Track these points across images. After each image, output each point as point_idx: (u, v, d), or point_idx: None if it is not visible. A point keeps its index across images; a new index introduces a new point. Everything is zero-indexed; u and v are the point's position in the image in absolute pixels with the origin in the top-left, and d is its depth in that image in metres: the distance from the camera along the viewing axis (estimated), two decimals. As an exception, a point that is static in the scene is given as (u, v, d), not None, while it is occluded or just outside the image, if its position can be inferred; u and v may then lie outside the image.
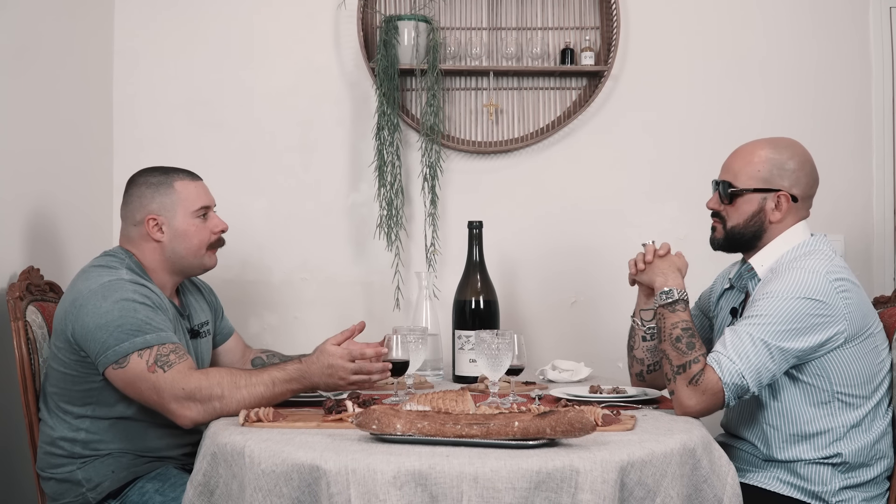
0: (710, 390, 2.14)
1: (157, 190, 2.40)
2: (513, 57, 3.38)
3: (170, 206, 2.39)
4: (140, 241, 2.40)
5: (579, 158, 3.44)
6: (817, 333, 2.17)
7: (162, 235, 2.39)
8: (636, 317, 2.54)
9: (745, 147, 2.38)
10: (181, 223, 2.39)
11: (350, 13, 3.38)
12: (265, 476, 1.79)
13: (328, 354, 2.19)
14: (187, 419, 2.17)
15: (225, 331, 2.70)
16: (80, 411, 2.29)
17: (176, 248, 2.40)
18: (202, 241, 2.42)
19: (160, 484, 2.27)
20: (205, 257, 2.44)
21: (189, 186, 2.43)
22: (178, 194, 2.40)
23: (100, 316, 2.19)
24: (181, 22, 3.39)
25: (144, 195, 2.40)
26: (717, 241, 2.41)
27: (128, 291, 2.23)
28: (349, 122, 3.42)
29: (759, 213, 2.32)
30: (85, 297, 2.23)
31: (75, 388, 2.28)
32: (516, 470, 1.70)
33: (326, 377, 2.20)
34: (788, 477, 2.24)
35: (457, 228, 3.31)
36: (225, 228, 2.47)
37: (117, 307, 2.19)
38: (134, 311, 2.20)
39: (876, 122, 3.44)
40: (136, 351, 2.17)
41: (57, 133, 2.92)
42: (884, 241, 3.43)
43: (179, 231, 2.39)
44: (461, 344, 2.84)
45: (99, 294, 2.22)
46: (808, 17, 3.45)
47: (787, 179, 2.31)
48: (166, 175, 2.43)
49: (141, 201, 2.40)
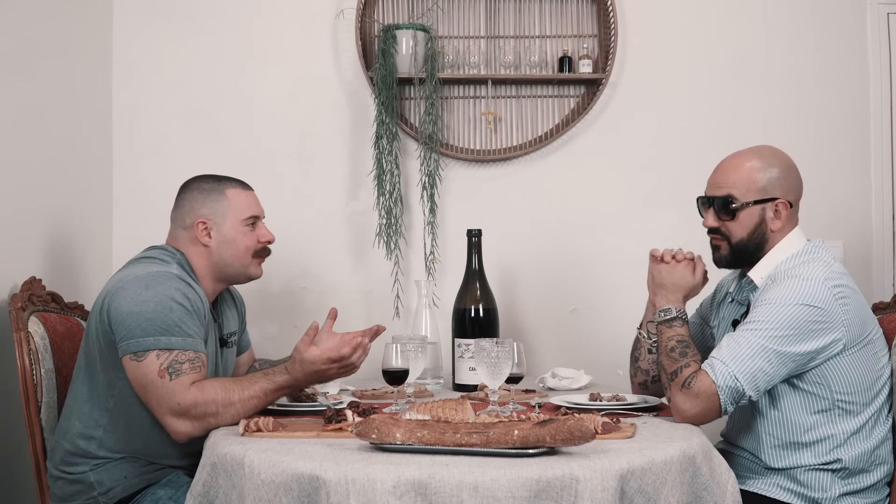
0: (704, 394, 2.14)
1: (210, 195, 2.43)
2: (511, 65, 3.39)
3: (220, 212, 2.43)
4: (188, 245, 2.43)
5: (578, 166, 3.44)
6: (815, 340, 2.17)
7: (210, 240, 2.41)
8: (643, 329, 2.53)
9: (732, 160, 2.36)
10: (230, 230, 2.42)
11: (348, 23, 3.39)
12: (265, 486, 1.79)
13: (310, 363, 2.24)
14: (181, 434, 2.19)
15: (243, 344, 2.72)
16: (103, 402, 2.30)
17: (223, 253, 2.42)
18: (248, 248, 2.45)
19: (173, 491, 2.28)
20: (250, 266, 2.46)
21: (240, 195, 2.47)
22: (229, 201, 2.44)
23: (137, 303, 2.21)
24: (180, 32, 3.40)
25: (196, 199, 2.43)
26: (723, 258, 2.37)
27: (171, 288, 2.25)
28: (348, 131, 3.42)
29: (761, 224, 2.32)
30: (129, 281, 2.26)
31: (101, 376, 2.29)
32: (516, 478, 1.70)
33: (316, 379, 2.28)
34: (788, 483, 2.24)
35: (456, 237, 3.31)
36: (272, 239, 2.50)
37: (155, 300, 2.21)
38: (169, 310, 2.21)
39: (874, 129, 3.45)
40: (157, 350, 2.18)
41: (57, 143, 2.92)
42: (882, 248, 3.43)
43: (227, 237, 2.42)
44: (461, 352, 2.84)
45: (143, 282, 2.24)
46: (807, 23, 3.46)
47: (780, 187, 2.31)
48: (219, 182, 2.47)
49: (192, 205, 2.43)
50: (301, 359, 2.24)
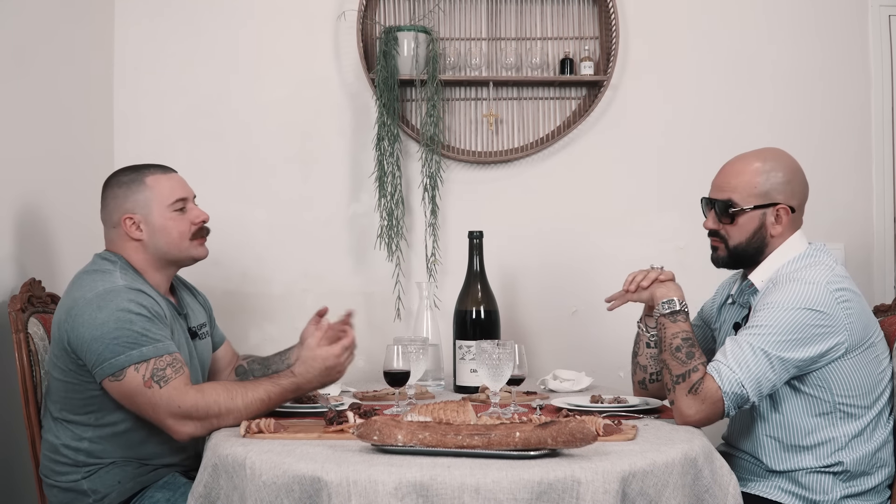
0: (710, 399, 2.14)
1: (130, 188, 2.36)
2: (512, 67, 3.39)
3: (144, 203, 2.35)
4: (122, 243, 2.36)
5: (579, 168, 3.44)
6: (818, 344, 2.17)
7: (141, 234, 2.35)
8: (642, 322, 2.53)
9: (735, 163, 2.36)
10: (158, 218, 2.35)
11: (350, 24, 3.39)
12: (266, 488, 1.78)
13: (322, 359, 2.25)
14: (184, 434, 2.17)
15: (217, 339, 2.68)
16: (82, 419, 2.28)
17: (157, 243, 2.36)
18: (182, 233, 2.37)
19: (170, 493, 2.27)
20: (190, 248, 2.39)
21: (161, 180, 2.39)
22: (150, 190, 2.36)
23: (95, 327, 2.16)
24: (182, 33, 3.40)
25: (118, 195, 2.37)
26: (720, 259, 2.38)
27: (123, 301, 2.20)
28: (349, 133, 3.42)
29: (761, 229, 2.31)
30: (81, 306, 2.20)
31: (76, 397, 2.27)
32: (517, 480, 1.70)
33: (324, 378, 2.27)
34: (789, 486, 2.24)
35: (457, 238, 3.31)
36: (206, 219, 2.42)
37: (113, 318, 2.17)
38: (130, 323, 2.17)
39: (876, 131, 3.44)
40: (133, 364, 2.15)
41: (58, 145, 2.92)
42: (884, 250, 3.43)
43: (158, 226, 2.35)
44: (462, 354, 2.84)
45: (94, 304, 2.19)
46: (808, 26, 3.46)
47: (782, 192, 2.30)
48: (137, 172, 2.39)
49: (115, 202, 2.36)
50: (313, 356, 2.25)
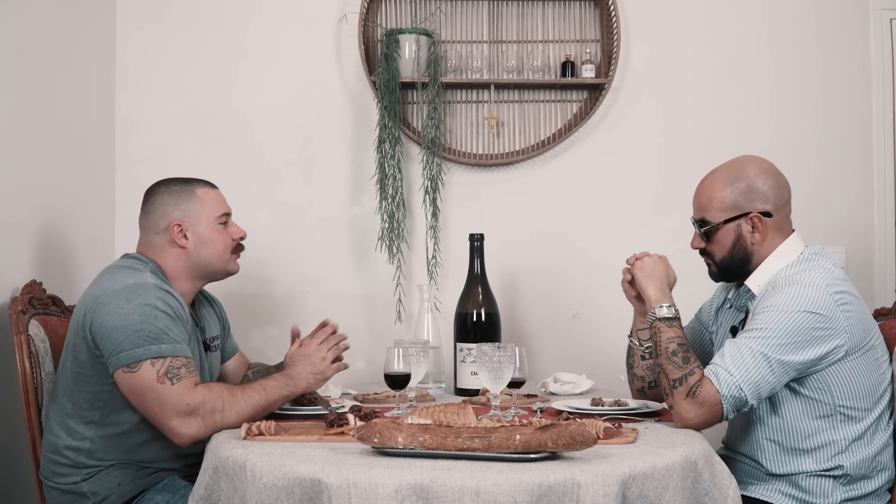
0: (709, 402, 2.14)
1: (180, 197, 2.44)
2: (513, 70, 3.39)
3: (194, 213, 2.43)
4: (163, 249, 2.42)
5: (580, 171, 3.44)
6: (817, 347, 2.16)
7: (187, 242, 2.41)
8: (633, 337, 2.54)
9: (705, 181, 2.37)
10: (205, 229, 2.43)
11: (351, 27, 3.40)
12: (267, 490, 1.79)
13: (302, 354, 2.35)
14: (186, 437, 2.18)
15: (229, 349, 2.72)
16: (86, 415, 2.29)
17: (201, 253, 2.43)
18: (226, 245, 2.46)
19: (170, 496, 2.27)
20: (229, 262, 2.48)
21: (210, 194, 2.48)
22: (201, 201, 2.44)
23: (120, 317, 2.20)
24: (183, 36, 3.41)
25: (168, 203, 2.43)
26: (714, 275, 2.41)
27: (151, 297, 2.24)
28: (350, 136, 3.43)
29: (739, 241, 2.32)
30: (108, 295, 2.24)
31: (85, 389, 2.28)
32: (518, 483, 1.70)
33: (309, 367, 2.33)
34: (790, 489, 2.24)
35: (458, 241, 3.32)
36: (244, 235, 2.51)
37: (139, 311, 2.21)
38: (154, 319, 2.21)
39: (877, 135, 3.45)
40: (150, 359, 2.18)
41: (59, 147, 2.93)
42: (885, 253, 3.43)
43: (204, 237, 2.43)
44: (463, 356, 2.84)
45: (122, 295, 2.23)
46: (810, 29, 3.47)
47: (753, 199, 2.30)
48: (187, 184, 2.47)
49: (164, 209, 2.43)
50: (301, 353, 2.36)
